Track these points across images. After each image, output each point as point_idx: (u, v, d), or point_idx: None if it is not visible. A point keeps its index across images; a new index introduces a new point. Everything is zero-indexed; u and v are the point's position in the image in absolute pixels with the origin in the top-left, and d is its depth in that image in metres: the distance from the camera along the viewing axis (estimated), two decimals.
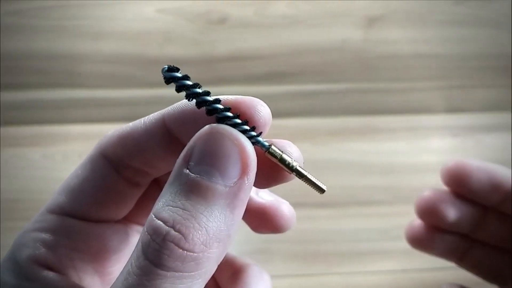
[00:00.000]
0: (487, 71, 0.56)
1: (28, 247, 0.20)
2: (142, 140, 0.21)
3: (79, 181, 0.22)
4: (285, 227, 0.25)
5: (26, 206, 0.50)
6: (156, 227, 0.17)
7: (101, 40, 0.54)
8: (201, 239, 0.17)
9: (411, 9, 0.57)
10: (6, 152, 0.51)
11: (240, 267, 0.25)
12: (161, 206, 0.17)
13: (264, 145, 0.19)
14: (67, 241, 0.21)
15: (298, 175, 0.20)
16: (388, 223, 0.50)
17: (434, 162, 0.53)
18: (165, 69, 0.18)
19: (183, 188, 0.17)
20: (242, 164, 0.18)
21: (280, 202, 0.25)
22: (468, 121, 0.55)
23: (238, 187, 0.18)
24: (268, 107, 0.19)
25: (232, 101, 0.19)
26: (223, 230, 0.17)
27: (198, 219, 0.17)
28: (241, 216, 0.18)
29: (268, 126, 0.20)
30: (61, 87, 0.53)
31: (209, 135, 0.18)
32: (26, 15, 0.55)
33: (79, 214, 0.22)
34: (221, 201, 0.17)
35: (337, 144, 0.53)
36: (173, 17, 0.55)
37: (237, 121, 0.18)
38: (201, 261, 0.17)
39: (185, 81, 0.18)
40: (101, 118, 0.52)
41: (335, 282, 0.48)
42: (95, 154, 0.22)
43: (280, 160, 0.19)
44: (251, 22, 0.56)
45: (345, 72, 0.55)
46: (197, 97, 0.18)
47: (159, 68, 0.19)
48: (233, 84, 0.54)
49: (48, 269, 0.20)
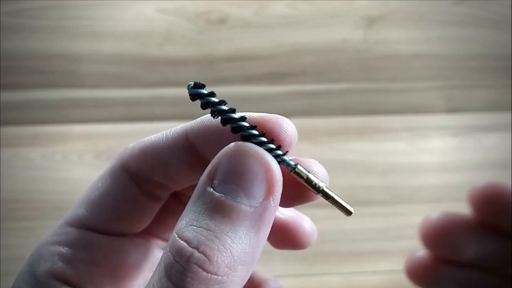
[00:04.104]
0: (487, 71, 0.56)
1: (46, 261, 0.20)
2: (164, 154, 0.20)
3: (99, 194, 0.21)
4: (307, 244, 0.24)
5: (26, 206, 0.50)
6: (180, 248, 0.16)
7: (101, 40, 0.54)
8: (225, 262, 0.16)
9: (411, 9, 0.57)
10: (6, 152, 0.51)
11: (258, 283, 0.24)
12: (184, 225, 0.17)
13: (290, 164, 0.18)
14: (86, 255, 0.21)
15: (325, 196, 0.19)
16: (388, 223, 0.50)
17: (434, 162, 0.53)
18: (191, 86, 0.18)
19: (207, 207, 0.17)
20: (268, 184, 0.17)
21: (302, 218, 0.24)
22: (468, 121, 0.55)
23: (263, 207, 0.17)
24: (268, 107, 0.19)
25: (257, 119, 0.19)
26: (248, 252, 0.17)
27: (222, 240, 0.16)
28: (266, 238, 0.18)
29: (294, 145, 0.19)
30: (61, 87, 0.53)
31: (235, 153, 0.17)
32: (26, 15, 0.55)
33: (99, 227, 0.21)
34: (246, 222, 0.17)
35: (337, 144, 0.53)
36: (173, 17, 0.55)
37: (262, 140, 0.18)
38: (225, 284, 0.16)
39: (211, 98, 0.18)
40: (101, 118, 0.52)
41: (335, 282, 0.48)
42: (116, 167, 0.22)
43: (307, 180, 0.19)
44: (251, 22, 0.56)
45: (345, 72, 0.55)
46: (222, 114, 0.18)
47: (159, 68, 0.19)
48: (233, 84, 0.54)
49: (66, 284, 0.20)
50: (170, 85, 0.53)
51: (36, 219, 0.49)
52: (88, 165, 0.51)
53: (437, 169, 0.53)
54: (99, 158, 0.51)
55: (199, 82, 0.18)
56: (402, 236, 0.50)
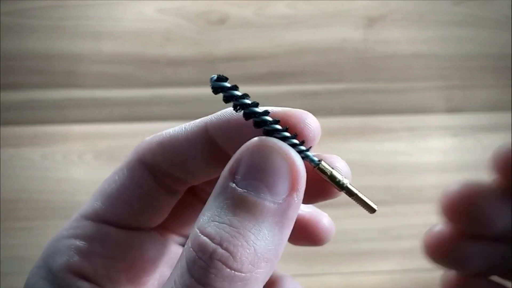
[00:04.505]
0: (487, 71, 0.56)
1: (62, 255, 0.20)
2: (183, 148, 0.20)
3: (116, 187, 0.21)
4: (325, 240, 0.24)
5: (26, 206, 0.50)
6: (202, 243, 0.16)
7: (101, 40, 0.54)
8: (249, 259, 0.16)
9: (411, 9, 0.57)
10: (6, 152, 0.51)
11: (274, 279, 0.24)
12: (206, 221, 0.16)
13: (314, 160, 0.18)
14: (102, 249, 0.20)
15: (348, 193, 0.19)
16: (388, 223, 0.50)
17: (434, 162, 0.53)
18: (213, 79, 0.17)
19: (229, 203, 0.16)
20: (292, 180, 0.17)
21: (321, 215, 0.24)
22: (468, 121, 0.55)
23: (287, 204, 0.17)
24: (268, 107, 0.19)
25: (281, 113, 0.18)
26: (271, 249, 0.16)
27: (246, 237, 0.16)
28: (289, 235, 0.17)
29: (317, 141, 0.19)
30: (61, 87, 0.53)
31: (258, 147, 0.17)
32: (26, 15, 0.55)
33: (116, 221, 0.21)
34: (270, 218, 0.16)
35: (337, 144, 0.53)
36: (173, 17, 0.55)
37: (286, 135, 0.18)
38: (248, 281, 0.16)
39: (234, 91, 0.17)
40: (101, 118, 0.52)
41: (335, 282, 0.48)
42: (133, 160, 0.21)
43: (330, 177, 0.18)
44: (251, 22, 0.56)
45: (345, 72, 0.55)
46: (246, 108, 0.18)
47: (159, 68, 0.19)
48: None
49: (82, 278, 0.20)
50: (170, 85, 0.53)
51: (36, 219, 0.49)
52: (88, 165, 0.51)
53: (437, 169, 0.53)
54: (99, 158, 0.51)
55: (222, 75, 0.17)
56: (402, 236, 0.50)
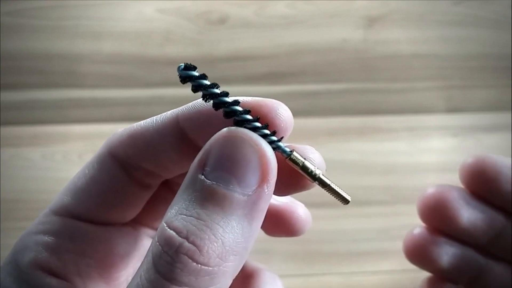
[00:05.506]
0: (487, 71, 0.56)
1: (30, 251, 0.19)
2: (154, 141, 0.20)
3: (86, 181, 0.20)
4: (301, 231, 0.23)
5: (26, 206, 0.50)
6: (169, 237, 0.15)
7: (101, 40, 0.54)
8: (216, 252, 0.15)
9: (411, 9, 0.57)
10: (6, 152, 0.51)
11: (251, 272, 0.24)
12: (173, 214, 0.16)
13: (286, 151, 0.18)
14: (72, 245, 0.20)
15: (321, 184, 0.18)
16: (388, 223, 0.50)
17: (434, 162, 0.53)
18: (181, 68, 0.17)
19: (198, 195, 0.16)
20: (262, 171, 0.16)
21: (296, 205, 0.23)
22: (468, 121, 0.55)
23: (257, 195, 0.16)
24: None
25: (251, 103, 0.18)
26: (240, 242, 0.16)
27: (214, 230, 0.16)
28: (259, 227, 0.17)
29: (290, 131, 0.18)
30: (61, 87, 0.53)
31: (227, 138, 0.17)
32: (26, 15, 0.55)
33: (85, 216, 0.20)
34: (239, 210, 0.16)
35: (337, 144, 0.53)
36: (173, 17, 0.55)
37: (257, 125, 0.17)
38: (216, 275, 0.15)
39: (203, 81, 0.17)
40: (101, 118, 0.52)
41: (335, 282, 0.48)
42: (103, 153, 0.21)
43: (302, 167, 0.18)
44: (251, 22, 0.56)
45: (345, 72, 0.55)
46: (215, 98, 0.17)
47: (159, 68, 0.18)
48: (233, 84, 0.54)
49: (51, 274, 0.19)
50: (170, 85, 0.53)
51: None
52: None
53: (437, 169, 0.53)
54: None
55: (190, 64, 0.17)
56: (402, 236, 0.50)
